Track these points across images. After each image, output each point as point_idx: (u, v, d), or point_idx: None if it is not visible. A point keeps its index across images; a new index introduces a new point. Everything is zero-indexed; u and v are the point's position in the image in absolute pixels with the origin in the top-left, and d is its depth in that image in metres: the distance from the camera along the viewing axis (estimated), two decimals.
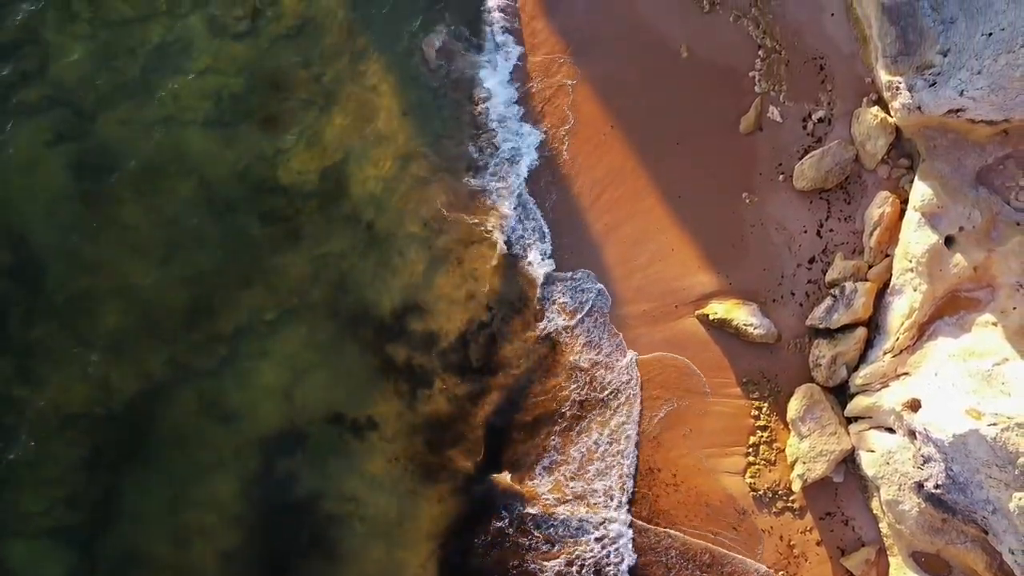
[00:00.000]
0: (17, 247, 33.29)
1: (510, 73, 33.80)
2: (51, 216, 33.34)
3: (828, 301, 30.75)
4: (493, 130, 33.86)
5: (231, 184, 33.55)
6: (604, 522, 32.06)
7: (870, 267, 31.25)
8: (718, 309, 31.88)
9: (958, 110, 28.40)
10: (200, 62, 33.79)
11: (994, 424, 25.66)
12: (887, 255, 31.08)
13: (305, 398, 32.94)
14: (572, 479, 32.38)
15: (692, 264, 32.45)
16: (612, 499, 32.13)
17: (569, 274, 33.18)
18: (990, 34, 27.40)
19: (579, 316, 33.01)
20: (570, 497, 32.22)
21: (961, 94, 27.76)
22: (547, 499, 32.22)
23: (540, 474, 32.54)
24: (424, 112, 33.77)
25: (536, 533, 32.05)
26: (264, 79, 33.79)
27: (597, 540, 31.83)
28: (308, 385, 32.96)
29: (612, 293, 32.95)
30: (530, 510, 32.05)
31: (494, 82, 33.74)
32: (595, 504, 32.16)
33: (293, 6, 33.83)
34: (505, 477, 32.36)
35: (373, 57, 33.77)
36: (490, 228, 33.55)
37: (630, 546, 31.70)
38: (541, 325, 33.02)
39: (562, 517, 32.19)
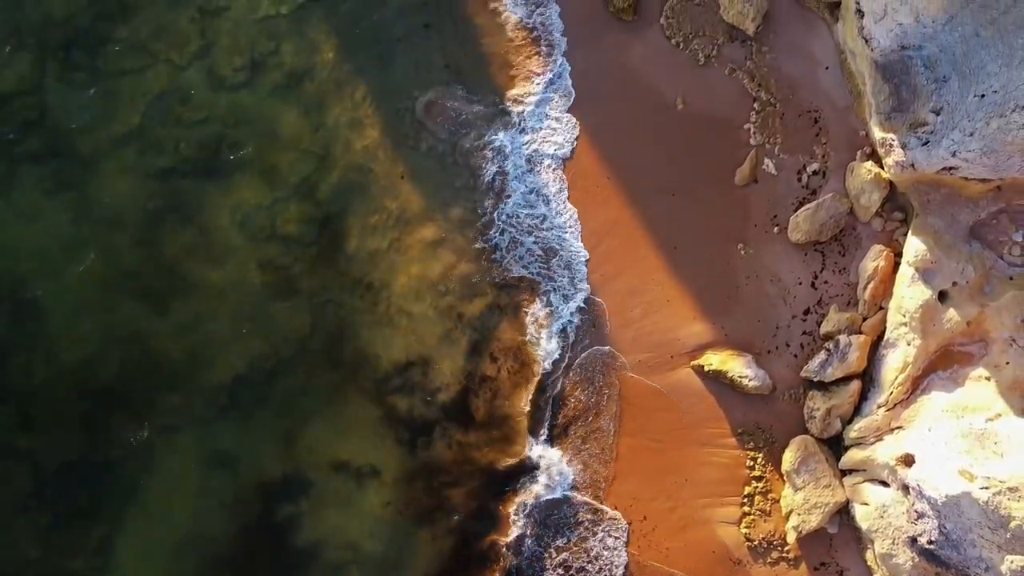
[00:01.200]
0: (18, 294, 33.56)
1: (508, 127, 33.88)
2: (51, 264, 33.59)
3: (822, 355, 30.96)
4: (490, 182, 33.93)
5: (230, 233, 33.76)
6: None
7: (864, 319, 31.49)
8: (713, 360, 32.08)
9: (951, 168, 28.66)
10: (199, 112, 34.01)
11: (986, 488, 25.86)
12: (881, 307, 31.31)
13: (305, 445, 33.07)
14: None
15: (688, 315, 32.66)
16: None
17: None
18: (983, 96, 27.65)
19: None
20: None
21: (954, 155, 28.02)
22: None
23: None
24: (422, 163, 33.91)
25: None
26: (263, 129, 33.96)
27: None
28: (308, 432, 33.10)
29: (609, 343, 33.08)
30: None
31: (493, 136, 33.80)
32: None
33: (291, 57, 34.01)
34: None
35: (371, 109, 33.97)
36: (490, 282, 33.69)
37: None
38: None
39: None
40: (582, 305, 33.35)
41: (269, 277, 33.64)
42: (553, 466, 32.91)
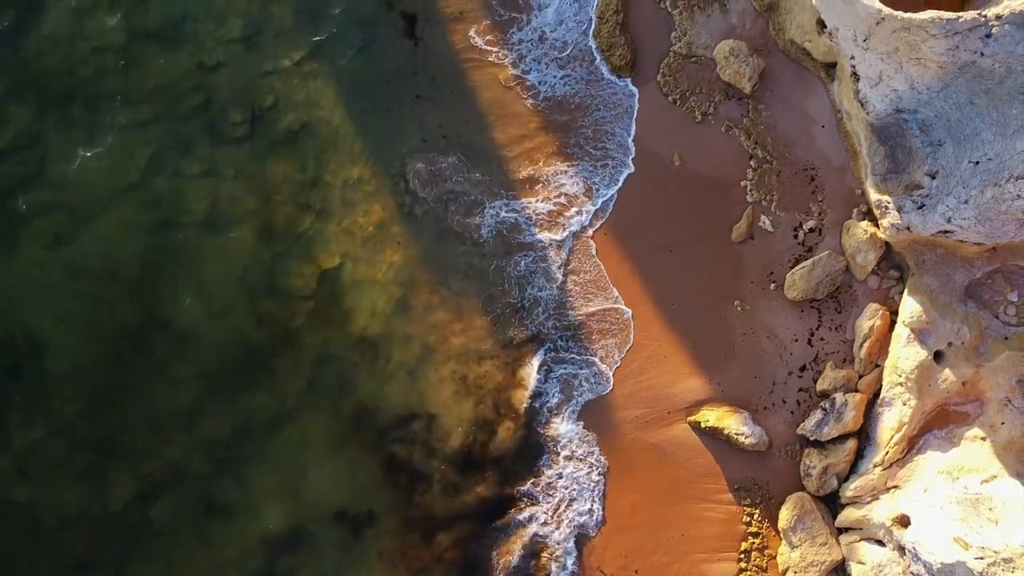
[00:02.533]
0: (17, 349, 33.68)
1: (505, 188, 34.01)
2: (51, 318, 33.72)
3: (819, 414, 31.09)
4: (487, 241, 34.01)
5: (229, 287, 33.88)
6: None
7: (860, 377, 31.64)
8: (710, 417, 32.21)
9: (946, 232, 28.79)
10: (199, 166, 34.12)
11: (981, 558, 25.98)
12: (877, 365, 31.47)
13: (304, 497, 33.21)
14: None
15: (684, 370, 32.80)
16: None
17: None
18: (977, 163, 27.77)
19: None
20: None
21: (949, 221, 28.15)
22: None
23: None
24: (419, 222, 34.00)
25: None
26: (262, 183, 34.10)
27: None
28: (307, 484, 33.24)
29: (607, 398, 33.25)
30: None
31: (491, 205, 33.95)
32: None
33: (291, 113, 34.13)
34: None
35: (369, 166, 34.02)
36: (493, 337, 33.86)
37: None
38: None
39: None
40: (580, 360, 33.42)
41: (267, 331, 33.73)
42: (548, 517, 33.04)
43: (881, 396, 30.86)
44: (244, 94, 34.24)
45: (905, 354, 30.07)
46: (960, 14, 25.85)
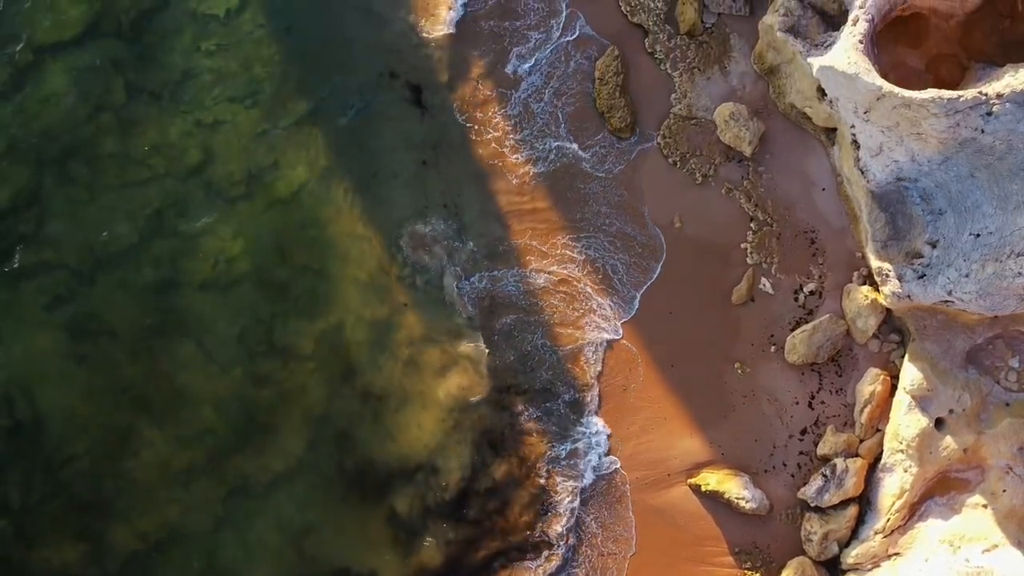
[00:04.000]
0: (16, 409, 33.54)
1: (500, 257, 34.04)
2: (50, 378, 33.59)
3: (819, 481, 30.99)
4: (484, 306, 34.00)
5: (228, 346, 33.76)
6: None
7: (861, 442, 31.58)
8: (710, 480, 32.12)
9: (947, 302, 28.74)
10: (197, 226, 34.01)
11: None
12: (878, 430, 31.42)
13: (306, 554, 33.09)
14: None
15: (684, 432, 32.72)
16: None
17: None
18: (978, 235, 27.75)
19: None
20: None
21: (950, 293, 28.11)
22: None
23: None
24: (419, 285, 33.95)
25: None
26: (261, 242, 34.01)
27: None
28: (308, 542, 33.12)
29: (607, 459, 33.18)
30: None
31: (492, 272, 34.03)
32: None
33: (289, 172, 34.05)
34: None
35: (370, 228, 33.91)
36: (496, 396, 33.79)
37: None
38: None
39: None
40: (582, 420, 33.41)
41: (267, 390, 33.63)
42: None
43: (882, 462, 30.79)
44: (243, 153, 34.10)
45: (906, 422, 30.01)
46: (961, 93, 25.84)
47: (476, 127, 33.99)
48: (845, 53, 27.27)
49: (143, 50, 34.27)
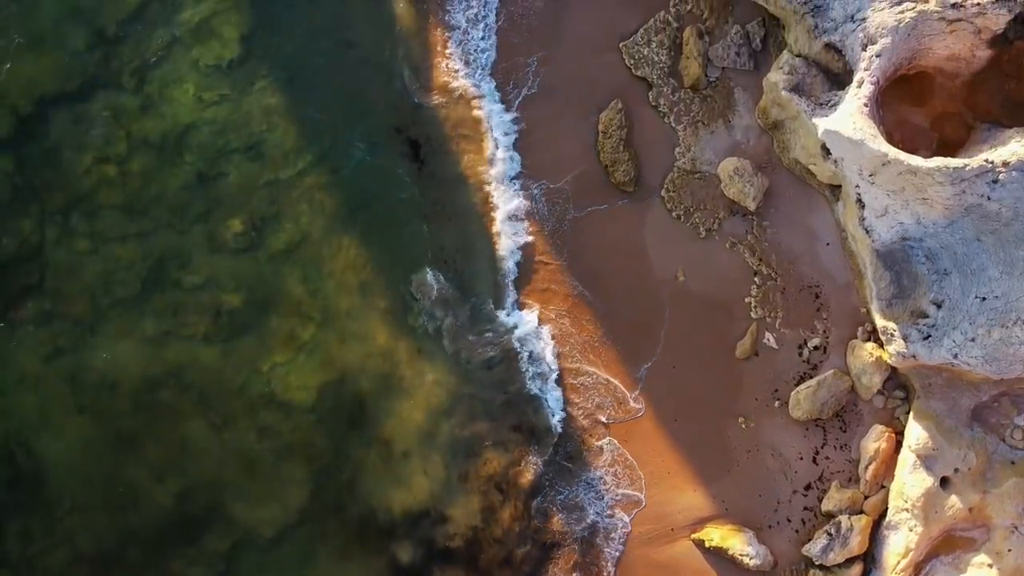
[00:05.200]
0: (17, 460, 33.41)
1: (509, 300, 33.87)
2: (50, 429, 33.46)
3: (824, 539, 30.85)
4: (486, 345, 33.94)
5: (229, 399, 33.64)
6: None
7: (866, 498, 31.43)
8: (714, 536, 31.98)
9: (953, 363, 28.63)
10: (199, 277, 33.90)
11: None
12: (883, 486, 31.27)
13: None
14: None
15: (688, 487, 32.58)
16: None
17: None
18: (984, 299, 27.63)
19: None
20: None
21: (955, 357, 28.00)
22: None
23: None
24: (424, 326, 33.85)
25: None
26: (262, 294, 33.90)
27: None
28: None
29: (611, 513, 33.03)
30: None
31: (495, 322, 33.93)
32: None
33: (292, 223, 33.94)
34: None
35: (372, 276, 33.83)
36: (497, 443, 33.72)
37: None
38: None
39: None
40: (583, 475, 33.30)
41: (269, 443, 33.51)
42: None
43: (887, 520, 30.65)
44: (244, 205, 33.99)
45: (911, 481, 29.87)
46: (967, 162, 25.75)
47: (472, 184, 34.02)
48: (850, 117, 27.17)
49: (145, 101, 34.13)
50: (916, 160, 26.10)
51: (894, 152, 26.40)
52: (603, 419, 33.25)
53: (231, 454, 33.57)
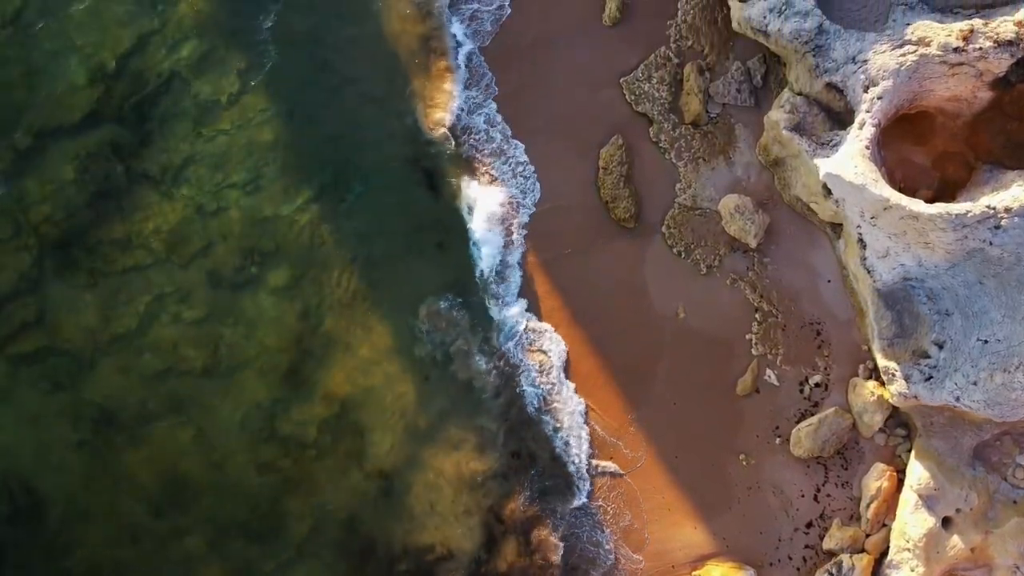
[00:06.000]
0: (16, 496, 33.29)
1: (510, 334, 33.79)
2: (49, 465, 33.34)
3: None
4: (488, 373, 33.88)
5: (228, 434, 33.53)
6: None
7: (867, 536, 31.33)
8: (715, 573, 31.89)
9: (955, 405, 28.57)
10: (198, 312, 33.80)
11: None
12: (884, 524, 31.17)
13: None
14: None
15: (688, 524, 32.47)
16: None
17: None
18: (986, 341, 27.54)
19: None
20: None
21: (957, 400, 27.92)
22: None
23: None
24: (430, 356, 33.76)
25: None
26: (262, 329, 33.79)
27: None
28: None
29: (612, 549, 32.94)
30: None
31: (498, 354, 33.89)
32: None
33: (292, 258, 33.85)
34: None
35: (373, 311, 33.73)
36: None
37: None
38: None
39: None
40: (585, 510, 33.20)
41: (269, 478, 33.40)
42: None
43: (888, 559, 30.55)
44: (245, 240, 33.90)
45: (913, 521, 29.76)
46: (969, 209, 25.67)
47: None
48: (851, 160, 27.09)
49: (144, 135, 34.05)
50: (918, 206, 26.03)
51: (896, 197, 26.32)
52: (604, 455, 33.10)
53: (230, 489, 33.45)
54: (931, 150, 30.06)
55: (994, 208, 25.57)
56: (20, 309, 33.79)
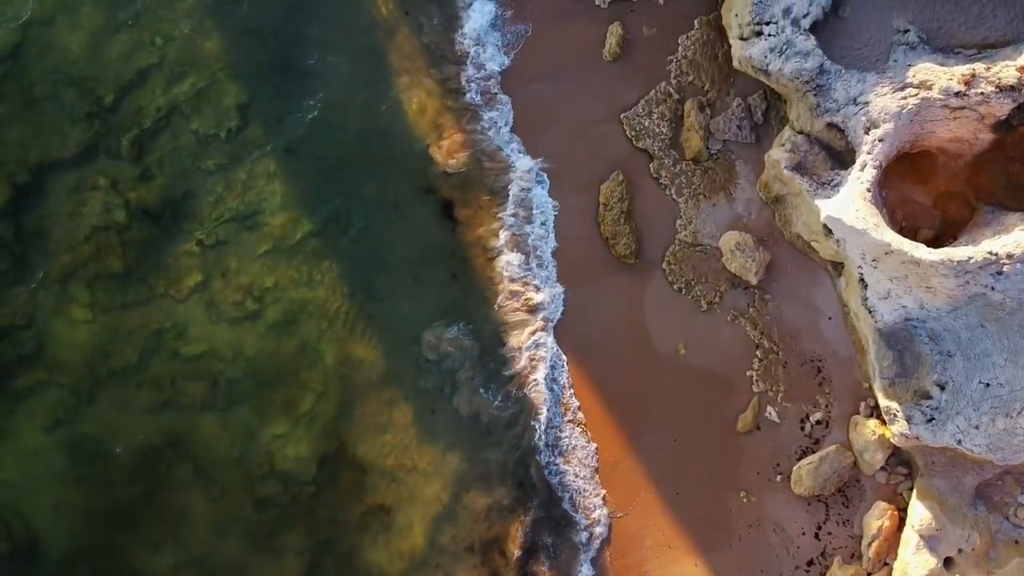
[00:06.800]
0: (13, 532, 33.19)
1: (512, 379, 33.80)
2: (47, 501, 33.24)
3: None
4: (494, 406, 33.82)
5: (227, 470, 33.43)
6: None
7: (869, 575, 31.17)
8: None
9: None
10: (197, 347, 33.70)
11: None
12: (886, 563, 31.03)
13: None
14: None
15: (688, 561, 32.35)
16: None
17: None
18: (988, 384, 27.44)
19: None
20: None
21: (959, 443, 27.81)
22: None
23: None
24: (428, 402, 33.65)
25: None
26: (261, 364, 33.70)
27: None
28: None
29: None
30: None
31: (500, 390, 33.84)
32: None
33: (291, 293, 33.77)
34: None
35: (373, 345, 33.64)
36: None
37: None
38: None
39: None
40: (586, 545, 33.10)
41: (267, 514, 33.29)
42: None
43: None
44: (244, 273, 33.81)
45: (915, 562, 29.61)
46: (971, 255, 25.58)
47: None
48: (852, 204, 27.00)
49: (143, 170, 33.98)
50: (920, 252, 25.94)
51: (897, 242, 26.23)
52: (602, 491, 33.02)
53: (229, 525, 33.34)
54: (932, 189, 29.98)
55: (996, 254, 25.48)
56: (19, 343, 33.70)
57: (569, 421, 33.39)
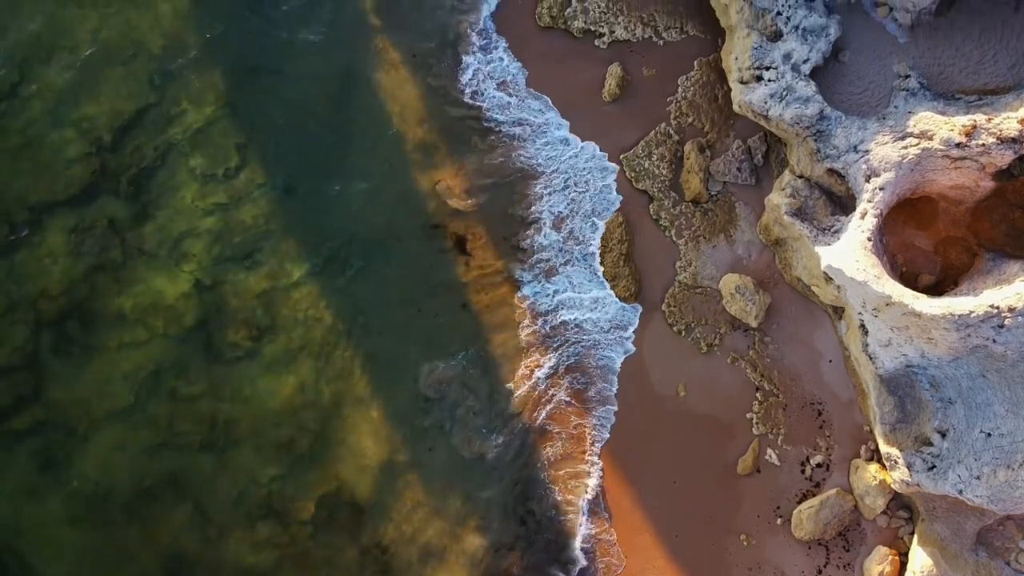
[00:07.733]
0: (12, 571, 32.98)
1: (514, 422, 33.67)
2: (44, 542, 33.06)
3: None
4: (494, 442, 33.70)
5: (226, 510, 33.26)
6: None
7: None
8: None
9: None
10: (195, 387, 33.52)
11: None
12: None
13: None
14: None
15: None
16: None
17: None
18: (989, 434, 27.25)
19: None
20: None
21: (960, 493, 27.61)
22: None
23: None
24: (426, 440, 33.51)
25: None
26: (259, 404, 33.53)
27: None
28: None
29: None
30: None
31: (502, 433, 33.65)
32: None
33: (289, 332, 33.61)
34: None
35: (371, 382, 33.49)
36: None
37: None
38: None
39: None
40: None
41: (265, 555, 33.12)
42: None
43: None
44: (242, 313, 33.64)
45: None
46: (972, 309, 25.42)
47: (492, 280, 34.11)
48: (853, 254, 26.83)
49: (141, 209, 33.81)
50: (921, 304, 25.77)
51: (898, 294, 26.07)
52: (603, 534, 32.85)
53: (226, 565, 33.14)
54: (933, 234, 29.83)
55: (998, 307, 25.32)
56: (16, 384, 33.52)
57: (570, 462, 33.23)
